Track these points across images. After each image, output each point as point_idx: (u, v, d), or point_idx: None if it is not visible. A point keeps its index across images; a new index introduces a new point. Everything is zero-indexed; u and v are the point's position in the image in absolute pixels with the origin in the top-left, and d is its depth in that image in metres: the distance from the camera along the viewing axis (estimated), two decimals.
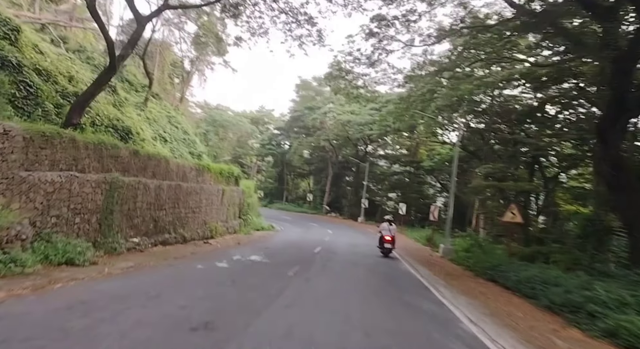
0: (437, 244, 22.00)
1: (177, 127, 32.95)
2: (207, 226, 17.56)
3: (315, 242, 20.32)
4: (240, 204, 24.03)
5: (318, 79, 46.69)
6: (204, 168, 18.57)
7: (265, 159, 67.38)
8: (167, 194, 14.05)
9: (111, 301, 5.66)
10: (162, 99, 35.19)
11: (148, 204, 12.77)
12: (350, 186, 52.58)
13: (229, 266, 10.22)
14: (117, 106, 20.62)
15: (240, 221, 23.27)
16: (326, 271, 11.31)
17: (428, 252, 20.40)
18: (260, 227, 26.87)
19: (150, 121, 28.58)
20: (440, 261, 17.06)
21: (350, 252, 17.44)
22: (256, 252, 14.11)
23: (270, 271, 10.10)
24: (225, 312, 5.80)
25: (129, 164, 12.36)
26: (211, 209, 18.52)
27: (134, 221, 11.97)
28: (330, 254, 15.82)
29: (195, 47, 33.54)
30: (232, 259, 11.65)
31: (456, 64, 20.57)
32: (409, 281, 11.40)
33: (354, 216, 46.18)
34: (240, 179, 24.62)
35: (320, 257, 14.45)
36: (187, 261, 10.54)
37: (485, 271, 12.43)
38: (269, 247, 16.23)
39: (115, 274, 7.53)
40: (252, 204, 28.28)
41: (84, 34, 36.85)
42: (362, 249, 19.08)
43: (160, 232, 13.48)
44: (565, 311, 7.42)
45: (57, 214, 8.81)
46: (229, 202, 21.33)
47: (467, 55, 19.57)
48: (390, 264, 15.16)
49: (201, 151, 33.96)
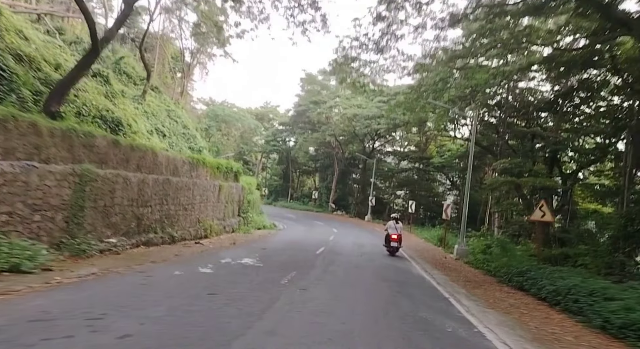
0: (449, 245, 20.46)
1: (177, 121, 31.90)
2: (200, 225, 16.23)
3: (319, 242, 18.90)
4: (240, 201, 22.69)
5: (323, 72, 45.10)
6: (199, 162, 17.23)
7: (270, 156, 66.06)
8: (154, 189, 12.71)
9: (27, 329, 4.13)
10: (162, 92, 34.18)
11: (130, 200, 11.43)
12: (357, 183, 51.03)
13: (213, 272, 8.76)
14: (109, 97, 19.49)
15: (239, 219, 21.93)
16: (327, 278, 9.82)
17: (441, 254, 18.86)
18: (262, 226, 25.54)
19: (148, 114, 27.72)
20: (456, 264, 15.52)
21: (356, 254, 16.00)
22: (251, 253, 12.71)
23: (261, 278, 8.64)
24: (181, 344, 4.22)
25: (107, 155, 11.02)
26: (206, 206, 17.18)
27: (112, 219, 10.63)
28: (333, 256, 14.39)
29: (196, 38, 32.25)
30: (220, 262, 10.20)
31: (470, 51, 19.00)
32: (424, 289, 9.82)
33: (360, 214, 44.67)
34: (240, 175, 23.27)
35: (323, 260, 12.99)
36: (166, 265, 9.07)
37: (511, 277, 10.85)
38: (266, 248, 14.82)
39: (66, 284, 6.10)
40: (254, 201, 26.92)
41: (82, 26, 35.98)
42: (369, 250, 17.64)
43: (144, 232, 12.14)
44: (632, 337, 5.78)
45: (8, 210, 7.48)
46: (226, 199, 19.99)
47: (483, 42, 18.03)
48: (401, 267, 13.69)
49: (202, 146, 32.90)
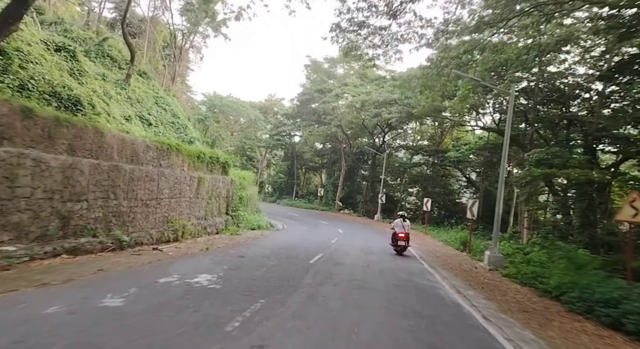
0: (475, 250, 17.04)
1: (166, 109, 29.02)
2: (169, 225, 13.10)
3: (318, 247, 15.65)
4: (229, 197, 19.56)
5: (329, 60, 41.75)
6: (171, 148, 14.08)
7: (276, 152, 62.94)
8: (93, 178, 9.60)
9: None
10: (151, 78, 31.40)
11: (48, 192, 8.32)
12: (365, 180, 47.60)
13: (122, 306, 5.44)
14: (75, 75, 16.61)
15: (227, 218, 18.80)
16: (311, 313, 6.20)
17: (468, 262, 15.40)
18: (256, 226, 22.39)
19: (132, 100, 25.00)
20: (493, 278, 12.10)
21: (361, 263, 12.69)
22: (218, 265, 9.46)
23: (196, 319, 5.21)
24: None
25: (12, 128, 7.91)
26: (179, 203, 14.06)
27: (11, 217, 7.52)
28: (331, 267, 11.09)
29: (187, 17, 29.17)
30: (156, 284, 6.89)
31: (502, 17, 15.61)
32: (468, 333, 6.17)
33: (369, 213, 41.26)
34: (229, 167, 20.12)
35: (315, 275, 9.61)
36: (57, 291, 5.87)
37: (592, 307, 7.31)
38: (245, 256, 11.54)
39: None
40: (248, 198, 23.79)
41: (67, 7, 33.40)
42: (378, 258, 14.30)
43: (74, 235, 9.02)
44: None
45: None
46: (209, 195, 16.87)
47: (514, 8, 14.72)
48: (424, 286, 9.89)
49: (194, 137, 29.98)
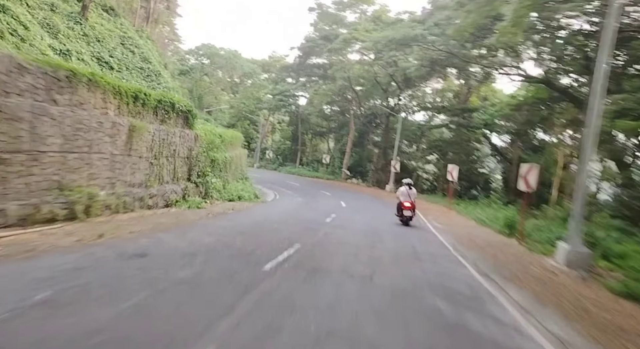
0: (531, 236, 11.89)
1: (134, 52, 23.87)
2: (60, 195, 8.22)
3: (300, 230, 10.75)
4: (191, 159, 14.64)
5: (338, 1, 35.40)
6: (80, 77, 8.90)
7: (283, 118, 57.57)
8: None
9: None
10: (119, 15, 26.14)
11: None
12: (377, 146, 42.23)
13: None
14: None
15: (186, 185, 13.93)
16: None
17: (528, 257, 10.11)
18: (236, 197, 17.62)
19: (89, 38, 20.12)
20: (590, 294, 7.04)
21: (363, 262, 7.76)
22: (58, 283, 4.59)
23: None
24: None
25: None
26: (87, 161, 9.14)
27: None
28: (310, 274, 6.20)
29: None
30: None
31: None
32: None
33: (380, 183, 36.21)
34: (194, 118, 15.05)
35: (280, 280, 4.86)
36: None
37: None
38: (146, 255, 6.44)
39: None
40: (228, 162, 18.86)
41: None
42: (389, 255, 9.13)
43: None
44: None
45: None
46: (155, 152, 11.97)
47: None
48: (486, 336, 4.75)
49: (169, 87, 24.87)
